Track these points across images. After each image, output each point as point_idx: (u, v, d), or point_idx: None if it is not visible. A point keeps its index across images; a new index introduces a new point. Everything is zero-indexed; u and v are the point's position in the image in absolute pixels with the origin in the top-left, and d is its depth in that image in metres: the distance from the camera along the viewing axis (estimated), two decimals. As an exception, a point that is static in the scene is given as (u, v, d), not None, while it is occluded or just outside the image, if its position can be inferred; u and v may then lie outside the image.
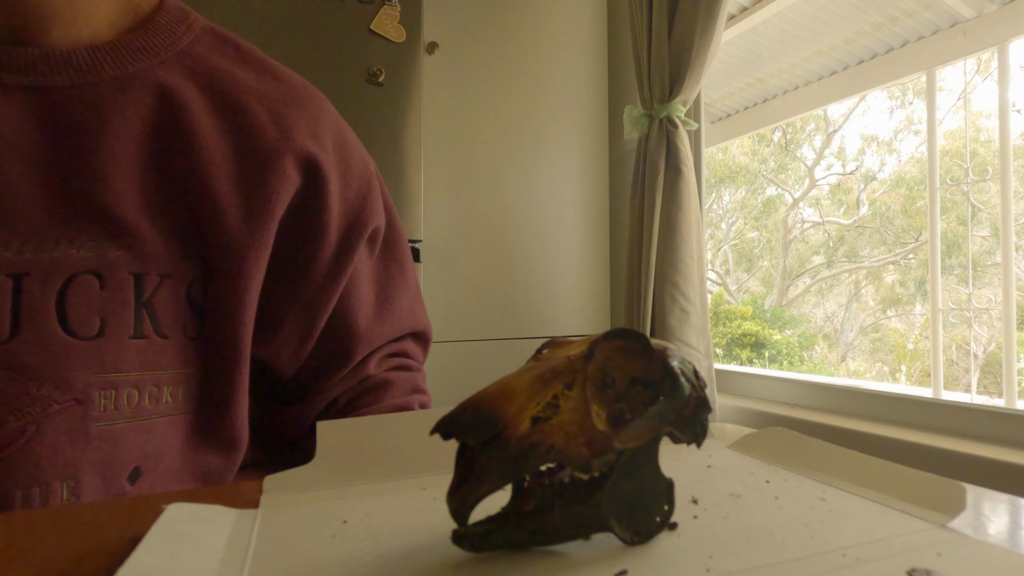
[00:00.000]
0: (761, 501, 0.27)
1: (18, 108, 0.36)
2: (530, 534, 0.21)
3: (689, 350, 1.25)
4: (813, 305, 3.66)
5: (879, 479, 0.28)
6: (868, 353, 3.40)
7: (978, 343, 2.48)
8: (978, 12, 1.58)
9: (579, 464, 0.21)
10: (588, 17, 1.68)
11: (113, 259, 0.37)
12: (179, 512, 0.24)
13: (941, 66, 1.73)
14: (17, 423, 0.33)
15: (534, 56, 1.59)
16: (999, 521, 0.25)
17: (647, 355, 0.22)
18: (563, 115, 1.62)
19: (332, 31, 1.19)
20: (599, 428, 0.21)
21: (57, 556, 0.22)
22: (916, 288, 3.16)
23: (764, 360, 3.21)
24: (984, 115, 2.69)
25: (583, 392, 0.21)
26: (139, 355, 0.37)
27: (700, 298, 1.29)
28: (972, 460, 0.88)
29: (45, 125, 0.36)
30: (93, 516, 0.27)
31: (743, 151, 3.93)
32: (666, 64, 1.32)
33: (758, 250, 3.93)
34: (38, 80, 0.37)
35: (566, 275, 1.61)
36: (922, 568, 0.20)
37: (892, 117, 3.32)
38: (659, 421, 0.22)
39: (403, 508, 0.27)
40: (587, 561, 0.21)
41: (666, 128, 1.32)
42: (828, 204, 3.61)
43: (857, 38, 1.87)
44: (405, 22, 1.25)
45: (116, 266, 0.37)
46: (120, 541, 0.24)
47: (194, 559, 0.21)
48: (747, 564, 0.21)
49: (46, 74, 0.37)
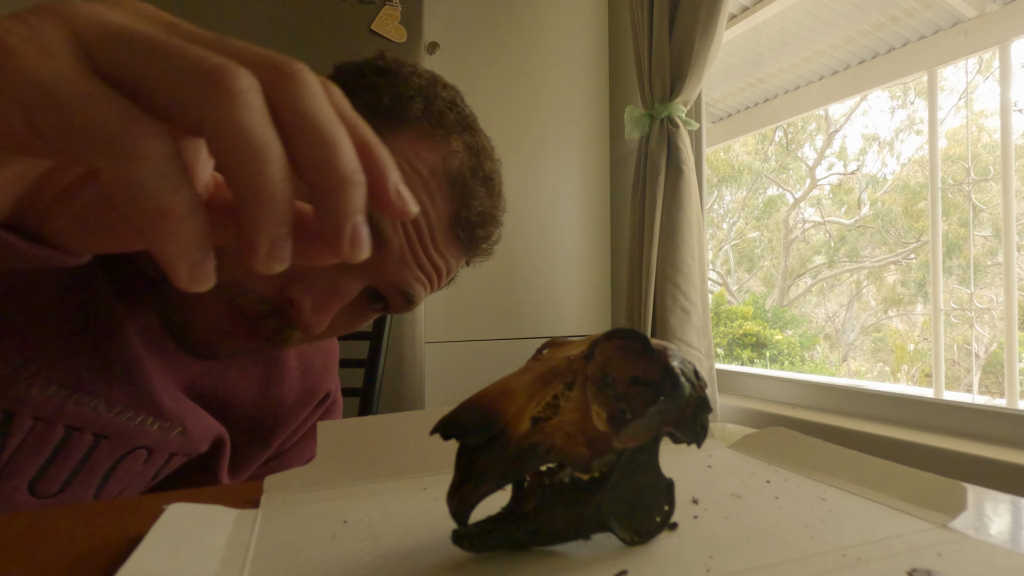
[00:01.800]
0: (762, 501, 0.27)
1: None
2: (530, 534, 0.21)
3: (690, 350, 1.25)
4: (814, 305, 3.65)
5: (880, 479, 0.28)
6: (869, 353, 3.39)
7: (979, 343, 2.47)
8: (979, 11, 1.58)
9: (579, 464, 0.21)
10: (589, 17, 1.68)
11: (170, 440, 0.41)
12: (180, 512, 0.24)
13: (942, 66, 1.73)
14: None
15: (535, 56, 1.59)
16: (1000, 521, 0.25)
17: (647, 355, 0.22)
18: (564, 115, 1.62)
19: (333, 31, 1.19)
20: (599, 428, 0.21)
21: (57, 556, 0.22)
22: (917, 288, 3.15)
23: (765, 360, 3.21)
24: (986, 115, 2.69)
25: (583, 392, 0.21)
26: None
27: (701, 298, 1.29)
28: (973, 460, 0.88)
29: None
30: (93, 516, 0.27)
31: (746, 149, 3.93)
32: (667, 64, 1.32)
33: (759, 250, 3.93)
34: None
35: (567, 275, 1.61)
36: (923, 568, 0.20)
37: (893, 117, 3.31)
38: (659, 421, 0.22)
39: (403, 508, 0.27)
40: (587, 561, 0.21)
41: (667, 128, 1.32)
42: (829, 204, 3.60)
43: (858, 38, 1.86)
44: (406, 22, 1.25)
45: (167, 446, 0.41)
46: (121, 541, 0.24)
47: (195, 559, 0.21)
48: (747, 564, 0.21)
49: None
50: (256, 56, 0.18)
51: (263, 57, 0.18)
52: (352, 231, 0.18)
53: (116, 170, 0.16)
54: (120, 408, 0.38)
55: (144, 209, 0.16)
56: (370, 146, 0.19)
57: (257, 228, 0.17)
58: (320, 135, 0.18)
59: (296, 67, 0.18)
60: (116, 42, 0.17)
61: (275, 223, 0.17)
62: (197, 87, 0.16)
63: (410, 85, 0.42)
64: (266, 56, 0.18)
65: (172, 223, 0.16)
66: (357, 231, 0.18)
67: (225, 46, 0.18)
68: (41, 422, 0.35)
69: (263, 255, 0.17)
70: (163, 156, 0.16)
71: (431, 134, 0.41)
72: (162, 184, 0.16)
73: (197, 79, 0.16)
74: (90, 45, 0.17)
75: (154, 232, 0.16)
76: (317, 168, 0.18)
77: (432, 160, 0.41)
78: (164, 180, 0.16)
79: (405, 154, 0.40)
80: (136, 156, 0.16)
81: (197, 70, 0.16)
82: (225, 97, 0.16)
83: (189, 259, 0.17)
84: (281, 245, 0.18)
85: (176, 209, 0.16)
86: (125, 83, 0.17)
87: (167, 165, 0.16)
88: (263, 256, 0.17)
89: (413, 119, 0.41)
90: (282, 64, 0.18)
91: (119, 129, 0.16)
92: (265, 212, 0.17)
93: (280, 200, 0.17)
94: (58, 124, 0.16)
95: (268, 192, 0.17)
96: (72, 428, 0.36)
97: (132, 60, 0.17)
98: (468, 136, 0.43)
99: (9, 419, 0.34)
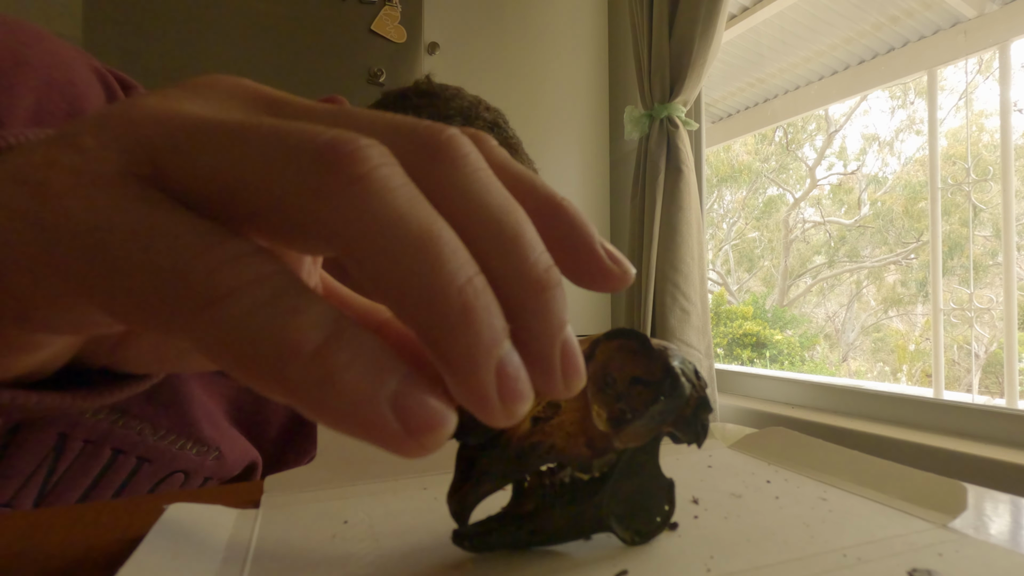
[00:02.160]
0: (762, 501, 0.27)
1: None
2: (530, 534, 0.21)
3: (690, 350, 1.25)
4: (814, 305, 3.65)
5: (880, 479, 0.28)
6: (869, 353, 3.39)
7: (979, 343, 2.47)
8: (979, 12, 1.58)
9: (580, 464, 0.21)
10: (589, 17, 1.68)
11: (207, 464, 0.41)
12: (180, 512, 0.24)
13: (942, 66, 1.73)
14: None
15: (535, 56, 1.59)
16: (1000, 521, 0.25)
17: (647, 355, 0.22)
18: (564, 115, 1.62)
19: (333, 32, 1.19)
20: (600, 428, 0.21)
21: (57, 556, 0.22)
22: (917, 288, 3.15)
23: (765, 360, 3.21)
24: (986, 115, 2.69)
25: (584, 392, 0.21)
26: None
27: (701, 298, 1.29)
28: (973, 460, 0.88)
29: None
30: (93, 516, 0.27)
31: (746, 149, 3.93)
32: (667, 64, 1.32)
33: (759, 250, 3.93)
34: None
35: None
36: (923, 568, 0.20)
37: (893, 117, 3.31)
38: (660, 421, 0.22)
39: (403, 508, 0.27)
40: (587, 561, 0.21)
41: (667, 128, 1.32)
42: (829, 204, 3.61)
43: (858, 38, 1.86)
44: (406, 22, 1.25)
45: (203, 470, 0.41)
46: (120, 541, 0.24)
47: (195, 559, 0.21)
48: (748, 564, 0.21)
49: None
50: (389, 125, 0.13)
51: (398, 126, 0.13)
52: (563, 352, 0.13)
53: (201, 325, 0.11)
54: (163, 432, 0.38)
55: (260, 361, 0.10)
56: (556, 206, 0.14)
57: (466, 362, 0.11)
58: (495, 226, 0.13)
59: (446, 136, 0.13)
60: (193, 144, 0.12)
61: (489, 342, 0.11)
62: (308, 175, 0.11)
63: (452, 106, 0.42)
64: (402, 125, 0.13)
65: (311, 364, 0.10)
66: (568, 352, 0.13)
67: (345, 117, 0.13)
68: (91, 444, 0.35)
69: (494, 401, 0.11)
70: (259, 278, 0.11)
71: None
72: (272, 314, 0.10)
73: (307, 164, 0.11)
74: (160, 155, 0.12)
75: (291, 387, 0.10)
76: (496, 272, 0.12)
77: None
78: (274, 309, 0.11)
79: None
80: (221, 297, 0.10)
81: (304, 152, 0.11)
82: (355, 182, 0.11)
83: (370, 413, 0.10)
84: (511, 372, 0.12)
85: (306, 340, 0.10)
86: (212, 198, 0.12)
87: (270, 286, 0.11)
88: (495, 403, 0.12)
89: None
90: (424, 133, 0.13)
91: (191, 268, 0.11)
92: (467, 330, 0.11)
93: (484, 303, 0.11)
94: (113, 286, 0.11)
95: (463, 297, 0.11)
96: (118, 451, 0.36)
97: (215, 162, 0.12)
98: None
99: (63, 442, 0.34)
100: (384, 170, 0.12)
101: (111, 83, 0.37)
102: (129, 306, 0.11)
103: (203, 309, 0.10)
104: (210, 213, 0.12)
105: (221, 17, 1.10)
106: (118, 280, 0.11)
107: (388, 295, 0.11)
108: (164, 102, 0.13)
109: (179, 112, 0.13)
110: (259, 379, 0.11)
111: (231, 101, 0.14)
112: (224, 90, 0.14)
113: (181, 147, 0.12)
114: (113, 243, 0.11)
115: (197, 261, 0.11)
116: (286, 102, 0.14)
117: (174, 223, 0.11)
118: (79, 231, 0.11)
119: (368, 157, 0.11)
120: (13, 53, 0.32)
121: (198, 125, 0.12)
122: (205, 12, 1.09)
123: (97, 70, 0.37)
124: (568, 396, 0.13)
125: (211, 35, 1.09)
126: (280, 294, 0.11)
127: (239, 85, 0.15)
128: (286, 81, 1.14)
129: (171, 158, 0.12)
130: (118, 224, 0.11)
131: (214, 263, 0.11)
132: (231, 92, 0.14)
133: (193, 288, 0.11)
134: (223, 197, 0.12)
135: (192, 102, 0.14)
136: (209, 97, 0.14)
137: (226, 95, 0.14)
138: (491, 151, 0.14)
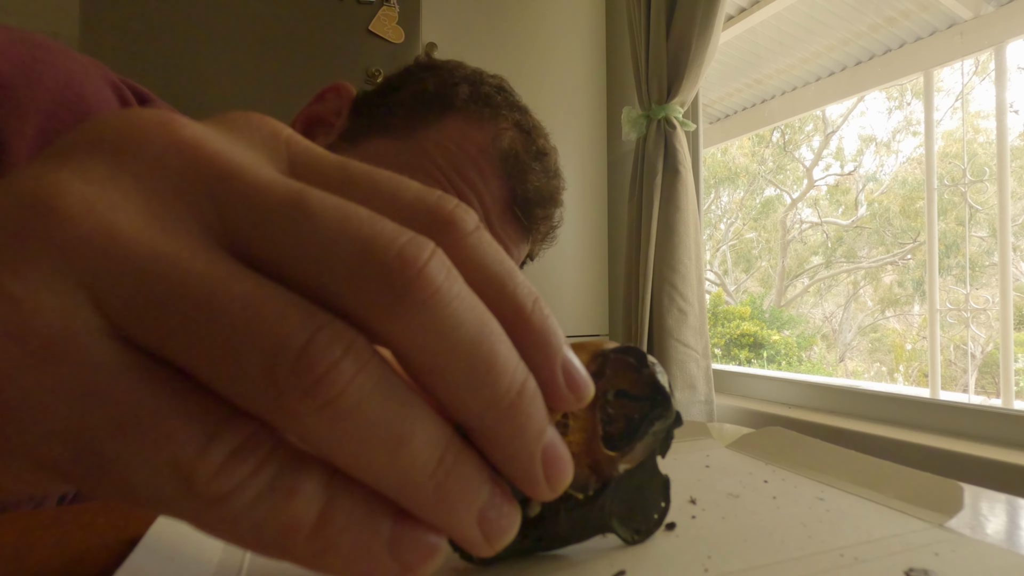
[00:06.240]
0: (759, 501, 0.27)
1: None
2: (536, 541, 0.21)
3: (687, 350, 1.25)
4: (811, 305, 3.66)
5: (877, 479, 0.28)
6: (866, 353, 3.40)
7: (976, 343, 2.48)
8: (975, 13, 1.59)
9: (580, 486, 0.21)
10: (586, 18, 1.68)
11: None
12: (177, 513, 0.24)
13: (939, 67, 1.74)
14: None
15: (532, 56, 1.59)
16: (997, 521, 0.25)
17: (638, 370, 0.22)
18: (561, 116, 1.62)
19: (331, 32, 1.19)
20: (604, 452, 0.21)
21: (57, 556, 0.22)
22: (914, 288, 3.16)
23: (762, 360, 3.22)
24: (982, 116, 2.70)
25: (592, 413, 0.21)
26: None
27: (698, 298, 1.29)
28: (970, 460, 0.88)
29: None
30: (92, 517, 0.27)
31: (743, 152, 3.94)
32: (664, 65, 1.32)
33: (757, 250, 3.93)
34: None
35: (564, 275, 1.61)
36: (920, 568, 0.20)
37: (890, 118, 3.32)
38: (656, 439, 0.22)
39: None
40: (586, 561, 0.21)
41: (664, 129, 1.32)
42: (826, 205, 3.62)
43: (855, 39, 1.87)
44: (404, 23, 1.25)
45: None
46: (118, 542, 0.24)
47: (192, 560, 0.21)
48: (745, 564, 0.21)
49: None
50: (409, 202, 0.13)
51: (414, 203, 0.13)
52: (545, 452, 0.13)
53: (203, 519, 0.10)
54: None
55: (266, 544, 0.11)
56: (524, 320, 0.13)
57: (518, 452, 0.12)
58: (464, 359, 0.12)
59: (456, 214, 0.13)
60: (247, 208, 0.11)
61: (537, 428, 0.12)
62: (379, 288, 0.11)
63: (456, 74, 0.42)
64: (419, 202, 0.13)
65: (312, 539, 0.11)
66: (551, 450, 0.13)
67: (370, 187, 0.13)
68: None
69: (541, 482, 0.12)
70: (258, 468, 0.10)
71: (479, 115, 0.40)
72: (271, 503, 0.10)
73: (378, 275, 0.11)
74: (127, 301, 0.10)
75: (296, 558, 0.11)
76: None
77: (481, 140, 0.40)
78: (272, 496, 0.10)
79: (453, 136, 0.39)
80: (223, 497, 0.10)
81: (375, 260, 0.11)
82: (430, 301, 0.11)
83: (370, 563, 0.11)
84: (557, 456, 0.12)
85: (304, 518, 0.10)
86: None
87: (267, 474, 0.11)
88: (543, 484, 0.12)
89: (460, 103, 0.40)
90: (437, 211, 0.13)
91: (193, 470, 0.10)
92: (515, 422, 0.12)
93: (529, 394, 0.12)
94: (94, 483, 0.11)
95: (512, 392, 0.12)
96: None
97: (270, 236, 0.11)
98: (517, 115, 0.43)
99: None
100: (455, 285, 0.11)
101: (127, 96, 0.37)
102: (109, 493, 0.11)
103: (206, 508, 0.10)
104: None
105: (218, 17, 1.10)
106: (103, 477, 0.10)
107: (447, 396, 0.12)
108: (202, 131, 0.12)
109: (131, 239, 0.10)
110: (265, 554, 0.11)
111: (260, 147, 0.13)
112: (254, 133, 0.13)
113: (152, 300, 0.10)
114: (98, 437, 0.10)
115: (199, 464, 0.10)
116: (303, 149, 0.13)
117: (167, 408, 0.10)
118: (54, 416, 0.10)
119: (435, 276, 0.11)
120: (25, 72, 0.32)
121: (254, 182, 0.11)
122: (202, 12, 1.09)
123: (113, 83, 0.36)
124: (551, 497, 0.13)
125: (208, 35, 1.09)
126: (277, 476, 0.11)
127: (267, 126, 0.13)
128: (284, 81, 1.14)
129: (138, 311, 0.10)
130: (99, 418, 0.10)
131: (214, 467, 0.10)
132: (252, 142, 0.13)
133: (194, 491, 0.10)
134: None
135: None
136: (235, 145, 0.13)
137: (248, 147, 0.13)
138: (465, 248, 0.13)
